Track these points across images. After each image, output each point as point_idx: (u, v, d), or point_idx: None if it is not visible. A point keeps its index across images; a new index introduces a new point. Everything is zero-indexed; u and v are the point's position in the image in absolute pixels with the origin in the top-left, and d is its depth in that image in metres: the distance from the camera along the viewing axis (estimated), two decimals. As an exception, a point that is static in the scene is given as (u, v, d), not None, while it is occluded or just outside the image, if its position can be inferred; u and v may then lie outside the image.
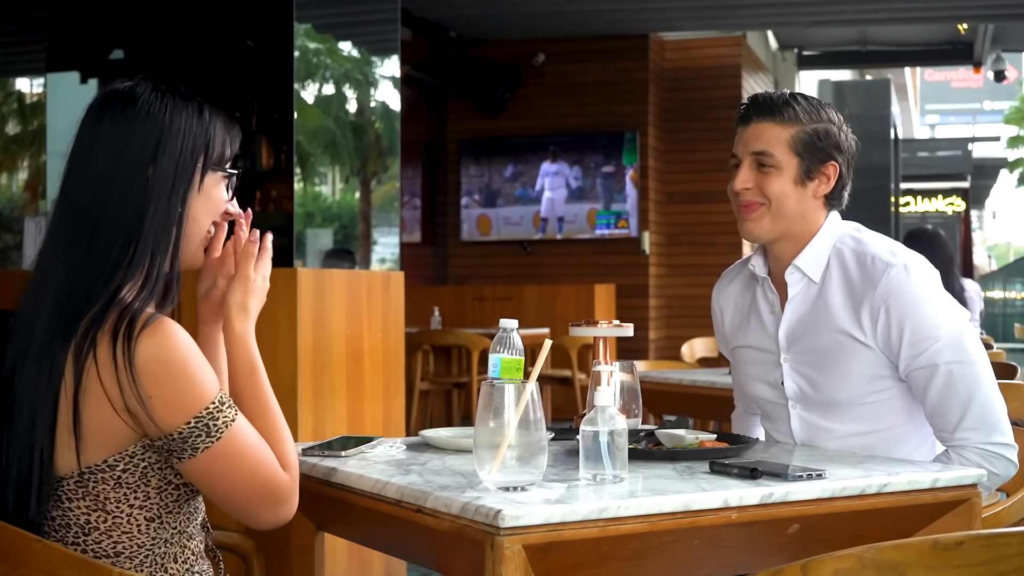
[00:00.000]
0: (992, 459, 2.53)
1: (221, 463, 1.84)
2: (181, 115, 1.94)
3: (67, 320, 1.82)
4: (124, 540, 1.86)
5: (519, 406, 1.89)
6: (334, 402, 4.56)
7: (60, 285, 1.85)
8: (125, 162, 1.89)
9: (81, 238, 1.87)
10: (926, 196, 25.72)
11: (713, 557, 2.05)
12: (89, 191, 1.89)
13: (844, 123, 2.67)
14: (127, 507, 1.86)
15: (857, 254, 2.61)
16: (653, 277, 11.16)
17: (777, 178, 2.60)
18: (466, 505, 1.80)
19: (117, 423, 1.80)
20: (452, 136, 11.66)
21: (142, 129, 1.90)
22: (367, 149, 6.33)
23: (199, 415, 1.81)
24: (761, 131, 2.61)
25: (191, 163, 1.93)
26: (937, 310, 2.55)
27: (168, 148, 1.91)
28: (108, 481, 1.84)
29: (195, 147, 1.94)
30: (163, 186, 1.90)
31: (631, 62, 11.16)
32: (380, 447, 2.40)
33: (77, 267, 1.86)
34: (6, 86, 7.93)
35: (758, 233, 2.64)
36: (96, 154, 1.91)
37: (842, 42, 13.63)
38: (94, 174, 1.90)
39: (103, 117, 1.93)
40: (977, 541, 1.47)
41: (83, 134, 1.94)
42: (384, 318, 4.90)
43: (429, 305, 9.96)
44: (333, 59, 6.03)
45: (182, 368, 1.80)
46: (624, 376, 2.55)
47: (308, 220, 5.87)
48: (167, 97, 1.95)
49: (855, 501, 2.05)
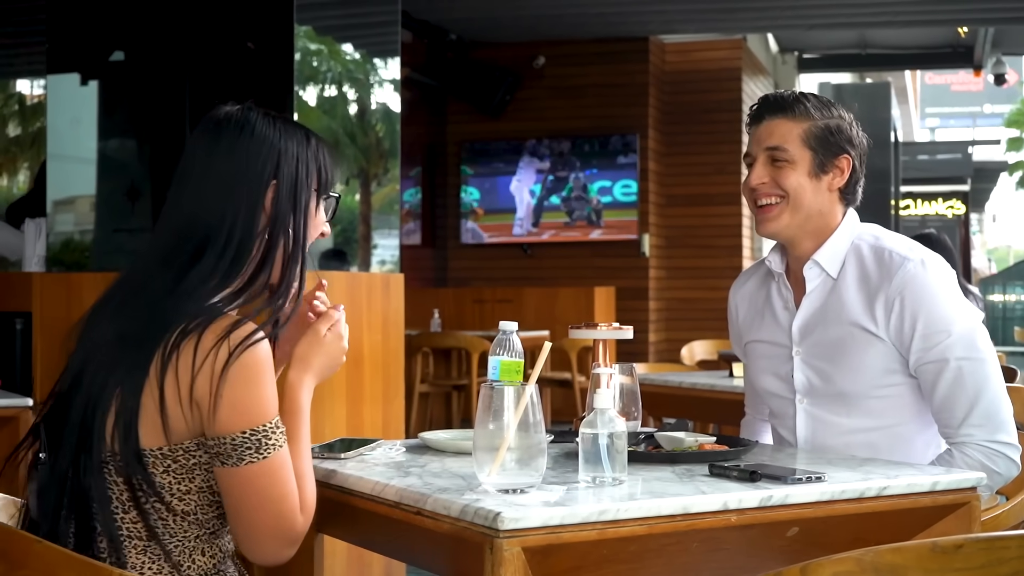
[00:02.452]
0: (994, 457, 2.54)
1: (257, 482, 1.89)
2: (294, 140, 2.03)
3: (164, 319, 1.89)
4: (159, 525, 1.91)
5: (518, 408, 1.89)
6: (333, 404, 4.56)
7: (159, 288, 1.93)
8: (244, 182, 1.98)
9: (194, 249, 1.95)
10: (926, 199, 25.72)
11: (712, 560, 2.05)
12: (203, 206, 1.97)
13: (854, 120, 2.71)
14: (168, 495, 1.91)
15: (875, 249, 2.64)
16: (653, 280, 11.16)
17: (792, 172, 2.63)
18: (465, 507, 1.80)
19: (180, 413, 1.87)
20: (452, 138, 11.66)
21: (259, 152, 1.99)
22: (368, 151, 6.33)
23: (255, 428, 1.88)
24: (774, 127, 2.66)
25: (307, 187, 2.04)
26: (951, 306, 2.57)
27: (285, 172, 2.01)
28: (157, 467, 1.89)
29: (308, 172, 2.04)
30: (283, 207, 2.00)
31: (631, 65, 11.17)
32: (379, 449, 2.40)
33: (179, 275, 1.93)
34: (7, 88, 7.94)
35: (777, 229, 2.68)
36: (213, 172, 1.99)
37: (842, 45, 13.63)
38: (210, 191, 1.98)
39: (219, 138, 2.00)
40: (976, 544, 1.47)
41: (198, 150, 2.01)
42: (384, 320, 4.90)
43: (429, 307, 9.97)
44: (334, 60, 6.03)
45: (257, 380, 1.88)
46: (623, 379, 2.55)
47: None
48: (279, 122, 2.04)
49: (854, 504, 2.05)
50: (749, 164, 2.70)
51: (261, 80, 5.33)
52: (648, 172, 11.13)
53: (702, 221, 11.23)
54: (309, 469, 2.02)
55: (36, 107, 7.77)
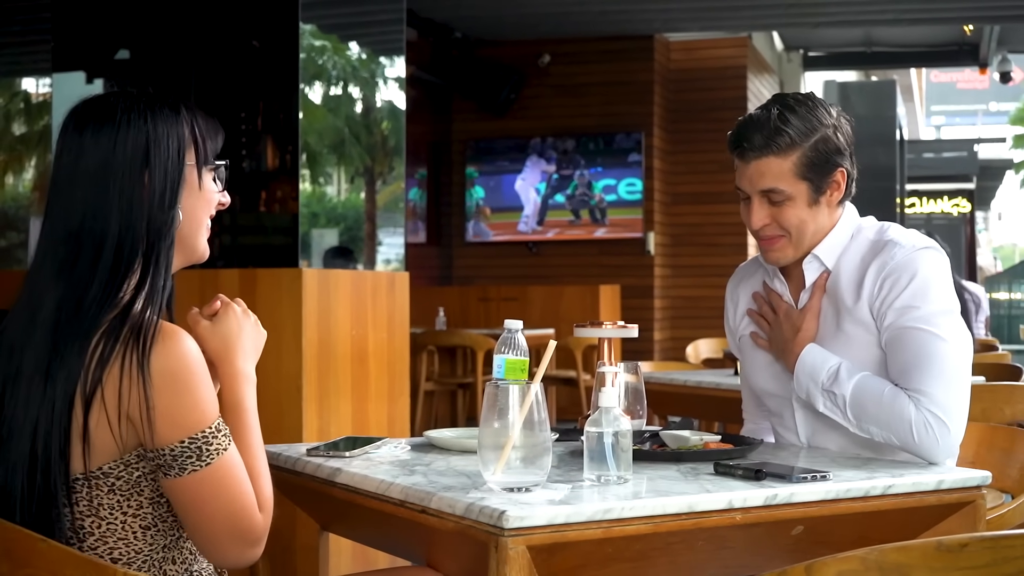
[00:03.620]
0: (928, 426, 2.43)
1: (204, 489, 1.81)
2: (161, 117, 1.92)
3: (76, 335, 1.81)
4: (120, 547, 1.86)
5: (523, 407, 1.89)
6: (339, 402, 4.56)
7: (62, 303, 1.84)
8: (115, 177, 1.87)
9: (82, 256, 1.86)
10: (931, 197, 25.69)
11: (717, 558, 2.05)
12: (81, 210, 1.87)
13: (836, 116, 2.62)
14: (120, 514, 1.85)
15: (875, 239, 2.61)
16: (658, 278, 11.16)
17: (791, 208, 2.59)
18: (470, 506, 1.80)
19: (116, 430, 1.80)
20: (457, 136, 11.66)
21: (126, 140, 1.89)
22: (373, 149, 6.33)
23: (194, 436, 1.80)
24: (764, 168, 2.58)
25: (179, 165, 1.92)
26: (934, 290, 2.52)
27: (156, 153, 1.90)
28: (102, 487, 1.83)
29: (180, 147, 1.93)
30: (158, 193, 1.89)
31: (636, 63, 11.16)
32: (385, 447, 2.40)
33: (82, 284, 1.84)
34: (12, 86, 7.94)
35: (784, 261, 2.67)
36: (81, 172, 1.89)
37: (848, 43, 13.62)
38: (83, 192, 1.88)
39: (83, 133, 1.90)
40: (982, 543, 1.47)
41: (65, 153, 1.91)
42: (389, 318, 4.90)
43: (434, 305, 9.97)
44: (339, 58, 6.04)
45: (188, 385, 1.80)
46: (629, 377, 2.55)
47: (313, 220, 5.87)
48: (143, 103, 1.93)
49: (859, 503, 2.05)
50: (743, 199, 2.64)
51: (266, 78, 5.33)
52: (653, 170, 11.13)
53: (707, 219, 11.22)
54: (262, 464, 1.93)
55: (42, 105, 7.76)
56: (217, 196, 2.02)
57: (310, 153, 5.54)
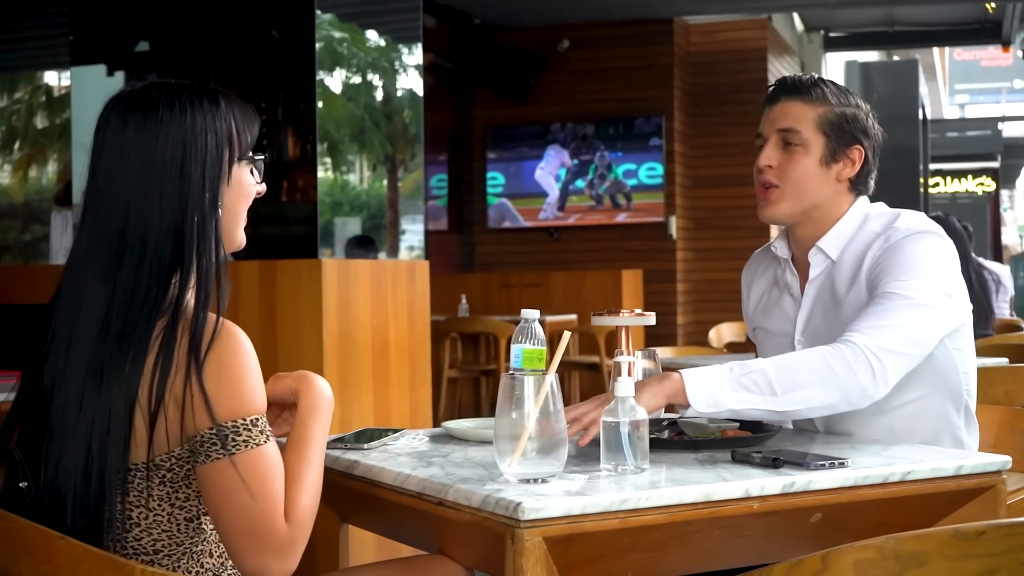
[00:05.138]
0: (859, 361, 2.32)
1: (224, 479, 1.79)
2: (200, 112, 1.92)
3: (130, 341, 1.82)
4: (164, 539, 1.87)
5: (539, 398, 1.89)
6: (360, 392, 4.57)
7: (111, 305, 1.85)
8: (156, 175, 1.88)
9: (127, 256, 1.87)
10: (955, 177, 25.51)
11: (735, 547, 2.05)
12: (123, 209, 1.88)
13: (871, 111, 2.66)
14: (168, 506, 1.86)
15: (880, 226, 2.58)
16: (680, 262, 11.13)
17: (803, 157, 2.59)
18: (487, 498, 1.80)
19: (174, 428, 1.81)
20: (477, 123, 11.65)
21: (167, 137, 1.89)
22: (393, 137, 6.34)
23: (223, 424, 1.80)
24: (789, 109, 2.62)
25: (218, 159, 1.93)
26: (923, 267, 2.45)
27: (195, 151, 1.90)
28: (153, 479, 1.84)
29: (219, 142, 1.93)
30: (197, 189, 1.90)
31: (656, 47, 11.12)
32: (403, 439, 2.40)
33: (129, 285, 1.85)
34: (34, 79, 7.97)
35: (778, 216, 2.64)
36: (124, 171, 1.89)
37: (869, 23, 13.54)
38: (125, 192, 1.89)
39: (126, 129, 1.91)
40: (999, 530, 1.46)
41: (108, 150, 1.92)
42: (410, 307, 4.91)
43: (456, 293, 9.98)
44: (357, 48, 6.04)
45: (232, 376, 1.81)
46: (646, 363, 2.55)
47: (336, 209, 5.88)
48: (184, 96, 1.93)
49: (878, 489, 2.04)
50: (760, 145, 2.65)
51: (285, 68, 5.34)
52: (674, 154, 11.10)
53: (729, 202, 11.19)
54: (308, 474, 1.89)
55: (63, 98, 7.79)
56: (255, 188, 2.03)
57: (331, 142, 5.55)
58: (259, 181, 2.04)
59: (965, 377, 2.59)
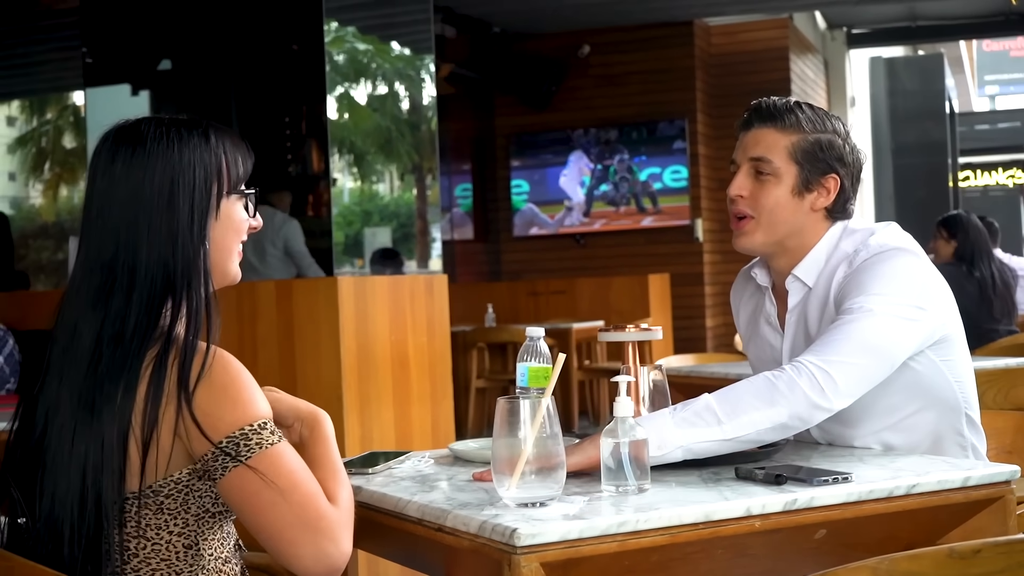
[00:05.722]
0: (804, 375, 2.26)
1: (250, 483, 1.80)
2: (189, 147, 1.93)
3: (120, 371, 1.82)
4: (163, 568, 1.86)
5: (535, 421, 1.88)
6: (380, 409, 4.57)
7: (101, 335, 1.85)
8: (144, 208, 1.89)
9: (116, 287, 1.88)
10: (986, 170, 25.32)
11: (738, 566, 2.03)
12: (113, 241, 1.90)
13: (849, 136, 2.59)
14: (166, 533, 1.86)
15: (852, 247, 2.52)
16: (708, 264, 11.10)
17: (774, 187, 2.53)
18: (483, 524, 1.79)
19: (167, 454, 1.82)
20: (500, 131, 11.66)
21: (155, 171, 1.90)
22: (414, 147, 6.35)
23: (231, 435, 1.80)
24: (761, 137, 2.56)
25: (206, 194, 1.94)
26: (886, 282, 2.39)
27: (183, 184, 1.91)
28: (151, 506, 1.84)
29: (208, 176, 1.94)
30: (185, 223, 1.91)
31: (677, 49, 11.11)
32: (409, 462, 2.40)
33: (119, 316, 1.86)
34: (61, 100, 8.04)
35: (750, 247, 2.59)
36: (113, 203, 1.91)
37: (892, 19, 13.47)
38: (114, 224, 1.90)
39: (115, 162, 1.92)
40: (995, 548, 1.45)
41: (98, 182, 1.94)
42: (429, 321, 4.90)
43: (483, 302, 9.98)
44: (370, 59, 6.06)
45: (227, 392, 1.82)
46: (654, 375, 2.53)
47: (366, 219, 5.89)
48: (172, 131, 1.94)
49: (883, 504, 2.01)
50: (733, 172, 2.60)
51: (301, 82, 5.36)
52: (698, 156, 11.07)
53: (755, 203, 11.14)
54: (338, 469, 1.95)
55: (88, 118, 7.87)
56: (247, 222, 2.03)
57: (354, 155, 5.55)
58: (251, 215, 2.04)
59: (960, 387, 2.53)
